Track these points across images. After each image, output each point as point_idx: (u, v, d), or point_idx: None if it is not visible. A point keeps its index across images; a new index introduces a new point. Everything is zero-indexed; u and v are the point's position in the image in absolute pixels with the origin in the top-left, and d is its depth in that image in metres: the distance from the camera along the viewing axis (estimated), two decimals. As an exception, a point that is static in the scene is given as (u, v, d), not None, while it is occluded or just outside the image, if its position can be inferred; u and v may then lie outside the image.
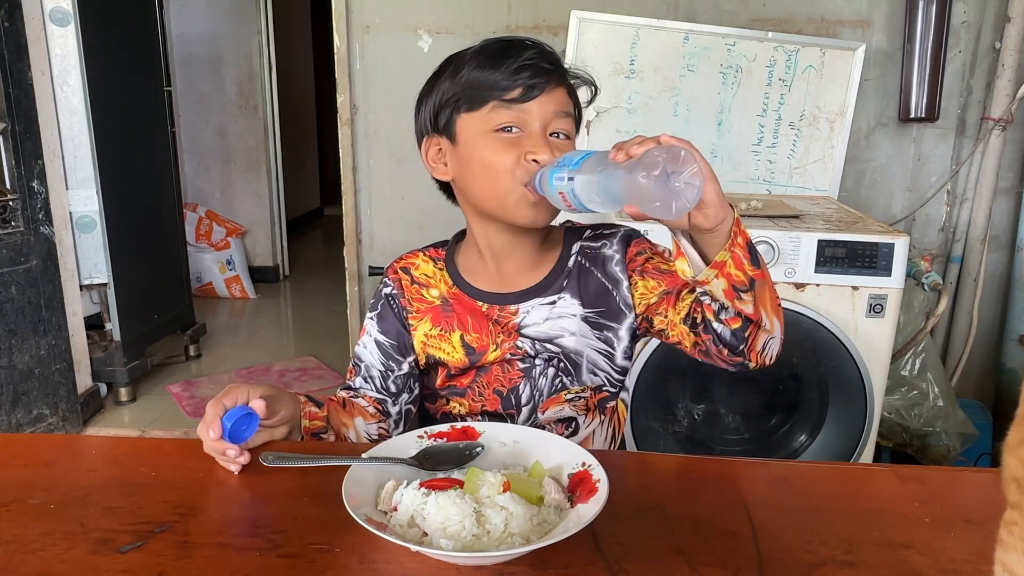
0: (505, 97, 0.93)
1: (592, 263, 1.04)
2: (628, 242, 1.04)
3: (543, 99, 0.94)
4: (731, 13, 2.32)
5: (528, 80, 0.93)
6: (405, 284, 1.06)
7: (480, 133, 0.95)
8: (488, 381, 1.03)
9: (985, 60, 2.32)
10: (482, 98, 0.94)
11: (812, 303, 1.68)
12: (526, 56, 0.93)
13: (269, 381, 3.12)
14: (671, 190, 0.71)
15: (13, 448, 0.91)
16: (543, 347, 1.02)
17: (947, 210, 2.44)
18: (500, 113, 0.94)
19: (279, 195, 4.71)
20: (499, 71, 0.93)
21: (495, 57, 0.94)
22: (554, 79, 0.95)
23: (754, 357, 0.89)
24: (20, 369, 2.43)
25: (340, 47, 2.40)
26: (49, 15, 2.51)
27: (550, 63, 0.95)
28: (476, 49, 0.97)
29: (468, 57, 0.96)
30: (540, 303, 1.02)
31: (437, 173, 1.02)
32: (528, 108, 0.94)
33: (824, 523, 0.75)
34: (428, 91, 1.00)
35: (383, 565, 0.67)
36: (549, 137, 0.95)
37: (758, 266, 0.85)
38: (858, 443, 1.73)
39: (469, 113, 0.95)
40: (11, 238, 2.38)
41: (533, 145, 0.93)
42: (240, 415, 0.84)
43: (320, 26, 5.89)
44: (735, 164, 2.18)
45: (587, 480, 0.75)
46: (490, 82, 0.93)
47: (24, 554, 0.68)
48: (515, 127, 0.94)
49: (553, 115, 0.95)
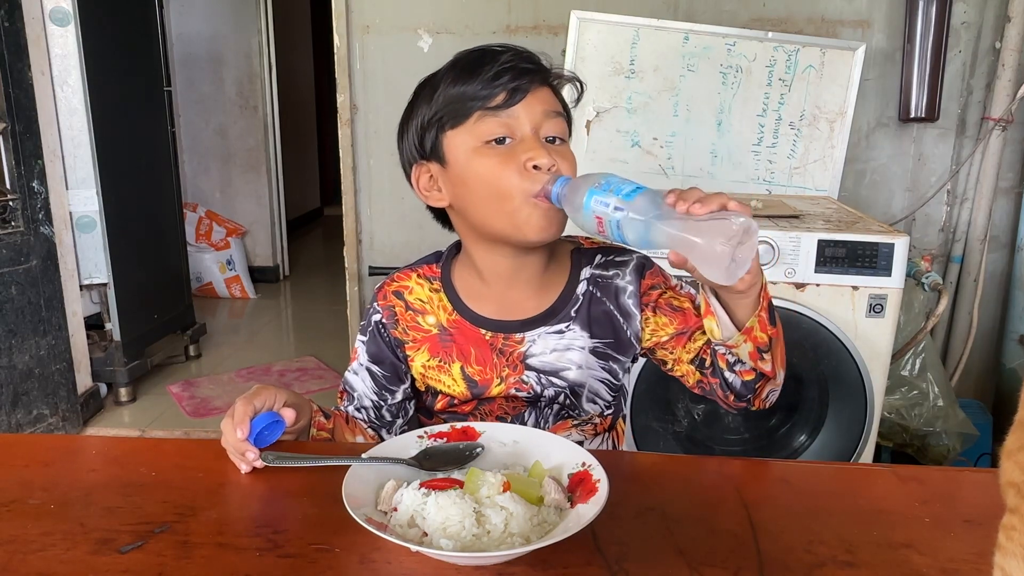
0: (489, 105, 0.88)
1: (604, 293, 0.98)
2: (642, 273, 0.99)
3: (529, 101, 0.88)
4: (731, 13, 2.32)
5: (509, 83, 0.87)
6: (399, 312, 0.99)
7: (471, 149, 0.89)
8: (492, 409, 1.00)
9: (985, 60, 2.32)
10: (465, 111, 0.88)
11: (812, 303, 1.68)
12: (502, 60, 0.88)
13: (269, 381, 3.12)
14: (734, 259, 0.72)
15: (13, 448, 0.91)
16: (548, 381, 0.97)
17: (947, 210, 2.44)
18: (487, 123, 0.88)
19: (279, 195, 4.71)
20: (477, 80, 0.88)
21: (470, 68, 0.89)
22: (536, 79, 0.90)
23: (757, 403, 0.92)
24: (20, 369, 2.43)
25: (340, 47, 2.40)
26: (49, 15, 2.51)
27: (530, 63, 0.90)
28: (448, 65, 0.92)
29: (442, 75, 0.91)
30: (547, 331, 0.97)
31: (432, 201, 0.96)
32: (515, 113, 0.88)
33: (824, 523, 0.75)
34: (407, 118, 0.95)
35: (383, 565, 0.67)
36: (544, 141, 0.89)
37: (775, 324, 0.85)
38: (858, 443, 1.73)
39: (455, 129, 0.89)
40: (11, 238, 2.38)
41: (528, 150, 0.87)
42: (269, 421, 0.85)
43: (320, 26, 5.88)
44: (735, 164, 2.18)
45: (587, 480, 0.75)
46: (470, 93, 0.88)
47: (24, 554, 0.68)
48: (506, 137, 0.88)
49: (543, 116, 0.89)
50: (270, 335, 3.86)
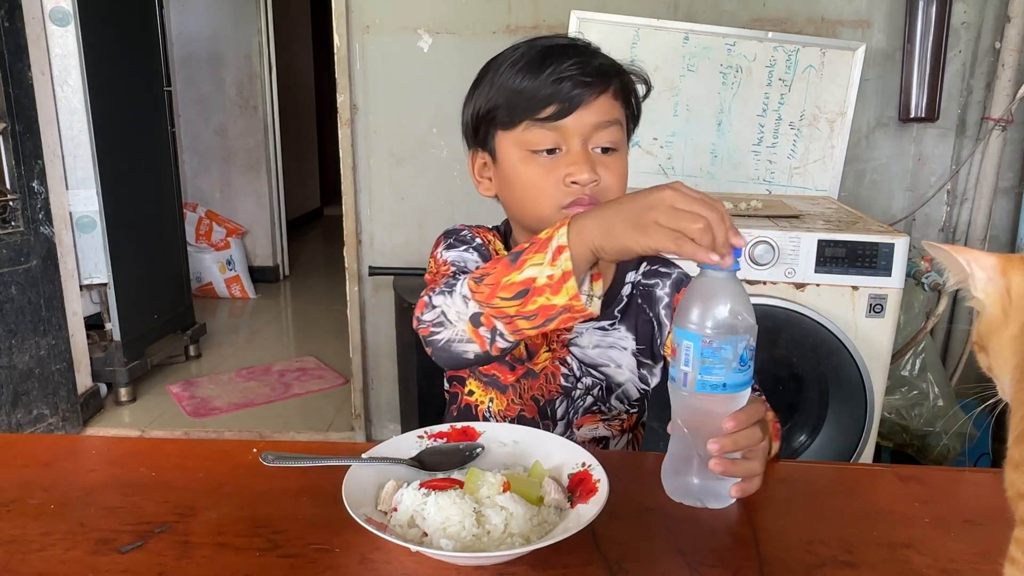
0: (538, 116, 0.88)
1: (646, 301, 1.01)
2: (678, 288, 1.01)
3: (581, 113, 0.88)
4: (731, 13, 2.32)
5: (565, 95, 0.87)
6: (492, 249, 1.01)
7: (518, 155, 0.91)
8: (531, 385, 1.01)
9: (985, 60, 2.32)
10: (516, 116, 0.89)
11: (812, 303, 1.68)
12: (564, 68, 0.87)
13: (269, 381, 3.12)
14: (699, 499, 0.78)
15: (13, 448, 0.91)
16: (587, 371, 1.00)
17: (947, 210, 2.44)
18: (535, 133, 0.89)
19: (279, 195, 4.72)
20: (534, 83, 0.87)
21: (531, 67, 0.88)
22: (595, 89, 0.88)
23: None
24: (20, 369, 2.43)
25: (340, 47, 2.40)
26: (49, 15, 2.51)
27: (589, 74, 0.88)
28: (514, 56, 0.91)
29: (505, 64, 0.91)
30: (593, 326, 1.00)
31: (482, 189, 0.99)
32: (564, 125, 0.88)
33: (824, 523, 0.75)
34: (469, 97, 0.96)
35: (383, 565, 0.67)
36: (592, 152, 0.89)
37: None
38: (858, 443, 1.73)
39: (505, 132, 0.91)
40: (11, 238, 2.38)
41: (571, 164, 0.88)
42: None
43: (320, 26, 5.88)
44: (735, 164, 2.18)
45: (587, 480, 0.75)
46: (524, 96, 0.88)
47: (24, 554, 0.68)
48: (555, 148, 0.89)
49: (593, 128, 0.89)
50: (270, 335, 3.86)
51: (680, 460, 0.78)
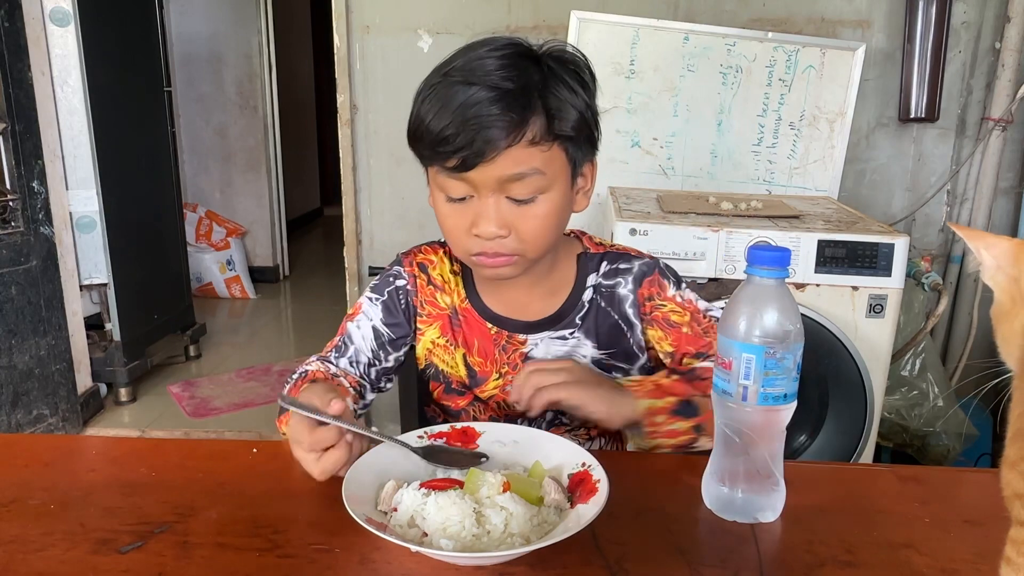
0: (446, 164, 0.82)
1: (608, 303, 0.97)
2: (640, 282, 0.97)
3: (487, 168, 0.80)
4: (731, 13, 2.32)
5: (470, 147, 0.78)
6: (421, 284, 0.99)
7: (437, 191, 0.87)
8: (484, 408, 1.00)
9: (985, 60, 2.32)
10: (426, 159, 0.85)
11: (812, 303, 1.68)
12: (471, 114, 0.78)
13: (269, 381, 3.12)
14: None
15: (13, 448, 0.91)
16: None
17: (947, 210, 2.44)
18: (444, 181, 0.84)
19: (279, 195, 4.71)
20: (440, 123, 0.79)
21: (440, 102, 0.80)
22: (505, 140, 0.79)
23: None
24: (20, 369, 2.43)
25: (340, 47, 2.40)
26: (49, 15, 2.51)
27: (499, 123, 0.78)
28: (432, 82, 0.83)
29: (424, 91, 0.84)
30: (551, 336, 0.96)
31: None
32: (470, 178, 0.81)
33: (824, 523, 0.75)
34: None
35: (383, 565, 0.67)
36: (505, 200, 0.83)
37: (697, 414, 0.87)
38: (858, 443, 1.73)
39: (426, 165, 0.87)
40: (11, 238, 2.38)
41: (478, 215, 0.83)
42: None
43: (320, 26, 5.88)
44: (735, 164, 2.18)
45: (587, 480, 0.75)
46: (431, 138, 0.81)
47: (24, 554, 0.68)
48: (466, 196, 0.84)
49: (499, 183, 0.81)
50: (270, 335, 3.86)
51: (727, 473, 0.75)
